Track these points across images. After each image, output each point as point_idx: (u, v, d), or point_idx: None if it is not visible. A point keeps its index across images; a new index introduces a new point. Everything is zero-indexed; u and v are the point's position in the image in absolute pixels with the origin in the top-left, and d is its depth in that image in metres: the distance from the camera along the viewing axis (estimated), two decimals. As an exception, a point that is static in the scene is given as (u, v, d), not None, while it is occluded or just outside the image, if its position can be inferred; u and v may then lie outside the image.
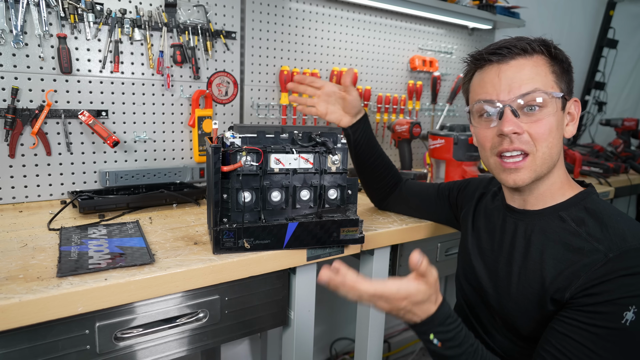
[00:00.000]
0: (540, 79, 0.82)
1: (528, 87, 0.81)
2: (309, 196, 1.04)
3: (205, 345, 1.00)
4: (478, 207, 1.04)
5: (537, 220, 0.87)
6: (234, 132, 0.99)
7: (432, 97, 2.28)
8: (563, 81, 0.84)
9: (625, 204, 2.66)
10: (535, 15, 2.62)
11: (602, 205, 0.83)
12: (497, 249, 0.92)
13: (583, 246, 0.77)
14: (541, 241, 0.84)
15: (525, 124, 0.82)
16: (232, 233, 0.97)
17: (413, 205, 1.29)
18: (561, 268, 0.78)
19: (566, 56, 0.85)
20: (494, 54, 0.84)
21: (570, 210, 0.84)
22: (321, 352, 2.12)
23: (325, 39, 1.86)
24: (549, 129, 0.82)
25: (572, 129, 0.87)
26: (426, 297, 0.74)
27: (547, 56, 0.83)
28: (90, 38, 1.36)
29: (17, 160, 1.31)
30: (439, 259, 1.43)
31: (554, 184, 0.87)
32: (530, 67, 0.82)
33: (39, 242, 1.01)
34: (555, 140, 0.83)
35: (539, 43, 0.83)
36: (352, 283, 0.71)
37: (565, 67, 0.85)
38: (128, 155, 1.49)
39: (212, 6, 1.55)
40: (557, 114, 0.82)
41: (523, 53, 0.82)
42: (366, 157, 1.26)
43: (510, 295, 0.86)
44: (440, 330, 0.76)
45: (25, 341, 0.78)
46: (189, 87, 1.55)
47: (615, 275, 0.72)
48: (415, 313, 0.75)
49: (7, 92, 1.26)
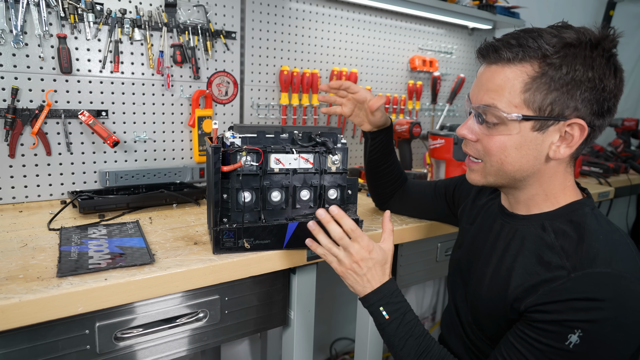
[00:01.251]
0: (505, 95, 0.75)
1: (488, 99, 0.77)
2: (309, 196, 1.04)
3: (205, 345, 1.00)
4: (475, 203, 1.04)
5: (521, 225, 0.84)
6: (234, 132, 0.99)
7: (432, 97, 2.28)
8: (549, 99, 0.73)
9: (625, 204, 2.66)
10: (536, 15, 2.62)
11: (590, 220, 0.77)
12: (480, 247, 0.92)
13: (552, 260, 0.75)
14: (518, 247, 0.82)
15: (483, 133, 0.79)
16: (232, 233, 0.97)
17: (412, 204, 1.29)
18: (525, 278, 0.77)
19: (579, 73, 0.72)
20: (480, 52, 0.79)
21: (555, 220, 0.80)
22: (321, 352, 2.12)
23: (325, 39, 1.86)
24: (501, 147, 0.78)
25: (563, 150, 0.76)
26: (384, 260, 0.90)
27: (537, 66, 0.73)
28: (90, 38, 1.36)
29: (17, 160, 1.31)
30: (439, 259, 1.43)
31: (536, 195, 0.82)
32: (502, 78, 0.75)
33: (39, 242, 1.01)
34: (512, 159, 0.78)
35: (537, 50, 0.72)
36: (341, 216, 0.90)
37: (561, 84, 0.72)
38: (128, 155, 1.49)
39: (212, 6, 1.55)
40: (520, 135, 0.76)
41: (507, 61, 0.75)
42: (377, 164, 1.26)
43: (480, 297, 0.86)
44: (389, 301, 0.87)
45: (25, 341, 0.78)
46: (189, 87, 1.55)
47: (568, 297, 0.69)
48: (373, 276, 0.88)
49: (7, 92, 1.26)
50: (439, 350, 0.86)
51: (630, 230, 2.84)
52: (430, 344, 0.86)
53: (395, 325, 0.87)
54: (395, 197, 1.32)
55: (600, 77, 0.72)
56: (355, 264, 0.89)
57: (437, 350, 0.86)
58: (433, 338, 0.88)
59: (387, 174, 1.27)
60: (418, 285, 2.38)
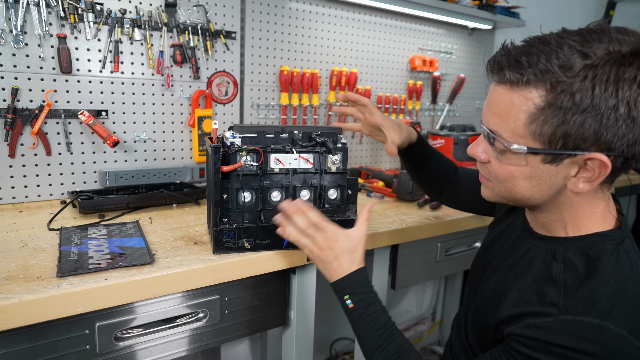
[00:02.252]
0: (510, 123, 0.66)
1: (493, 125, 0.69)
2: (309, 196, 1.04)
3: (205, 345, 1.00)
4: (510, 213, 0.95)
5: (535, 245, 0.78)
6: (234, 132, 0.99)
7: (432, 97, 2.28)
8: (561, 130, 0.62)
9: (626, 204, 2.66)
10: (536, 15, 2.62)
11: (607, 259, 0.67)
12: (496, 253, 0.89)
13: (549, 294, 0.67)
14: (523, 269, 0.76)
15: (492, 157, 0.73)
16: (232, 233, 0.97)
17: (462, 198, 1.20)
18: (517, 304, 0.71)
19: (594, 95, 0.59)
20: (487, 67, 0.70)
21: (570, 250, 0.71)
22: (321, 352, 2.12)
23: (325, 39, 1.86)
24: (509, 176, 0.71)
25: (582, 185, 0.66)
26: (353, 248, 0.89)
27: (548, 92, 0.62)
28: (90, 38, 1.36)
29: (17, 160, 1.31)
30: (439, 259, 1.43)
31: (555, 221, 0.74)
32: (507, 103, 0.66)
33: (39, 242, 1.01)
34: (520, 189, 0.71)
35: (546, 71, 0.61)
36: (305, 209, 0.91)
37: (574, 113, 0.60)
38: (128, 155, 1.49)
39: (212, 6, 1.55)
40: (530, 167, 0.68)
41: (510, 84, 0.65)
42: (416, 172, 1.21)
43: (479, 304, 0.84)
44: (355, 291, 0.87)
45: (25, 341, 0.78)
46: (189, 87, 1.55)
47: (548, 340, 0.63)
48: (341, 264, 0.88)
49: (7, 92, 1.26)
50: (400, 343, 0.84)
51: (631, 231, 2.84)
52: (392, 337, 0.84)
53: (358, 314, 0.86)
54: (445, 194, 1.22)
55: (627, 104, 0.59)
56: (321, 252, 0.90)
57: (398, 342, 0.84)
58: (398, 330, 0.86)
59: (430, 176, 1.19)
60: (418, 285, 2.38)
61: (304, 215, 0.92)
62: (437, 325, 2.48)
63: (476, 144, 0.76)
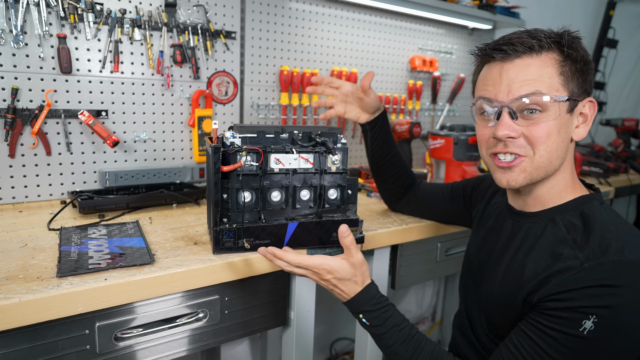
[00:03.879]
0: (545, 80, 0.77)
1: (529, 88, 0.77)
2: (309, 196, 1.04)
3: (205, 345, 1.00)
4: (488, 205, 1.03)
5: (532, 222, 0.85)
6: (234, 132, 0.99)
7: (432, 97, 2.28)
8: (574, 81, 0.79)
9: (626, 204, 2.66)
10: (536, 15, 2.62)
11: (600, 212, 0.79)
12: (491, 248, 0.92)
13: (564, 252, 0.75)
14: (530, 244, 0.82)
15: (523, 127, 0.79)
16: (232, 233, 0.97)
17: (427, 207, 1.28)
18: (537, 272, 0.77)
19: (583, 54, 0.79)
20: (498, 50, 0.80)
21: (565, 214, 0.81)
22: (321, 352, 2.12)
23: (325, 39, 1.86)
24: (547, 133, 0.78)
25: (582, 131, 0.82)
26: (349, 276, 0.88)
27: (558, 54, 0.78)
28: (90, 38, 1.36)
29: (17, 160, 1.31)
30: (439, 259, 1.43)
31: (555, 187, 0.83)
32: (536, 67, 0.78)
33: (39, 242, 1.01)
34: (555, 145, 0.79)
35: (552, 40, 0.78)
36: (280, 255, 0.87)
37: (579, 66, 0.79)
38: (128, 155, 1.49)
39: (212, 6, 1.55)
40: (560, 118, 0.78)
41: (529, 51, 0.78)
42: (382, 155, 1.26)
43: (493, 295, 0.86)
44: (365, 309, 0.88)
45: (25, 341, 0.78)
46: (189, 87, 1.55)
47: (582, 285, 0.70)
48: (343, 290, 0.89)
49: (7, 92, 1.26)
50: (430, 349, 0.85)
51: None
52: (420, 345, 0.85)
53: (377, 331, 0.87)
54: (409, 198, 1.30)
55: (591, 59, 0.81)
56: (319, 282, 0.90)
57: (428, 349, 0.85)
58: (423, 337, 0.87)
59: (394, 164, 1.27)
60: (418, 285, 2.38)
61: (282, 260, 0.89)
62: (437, 325, 2.48)
63: (501, 127, 0.79)
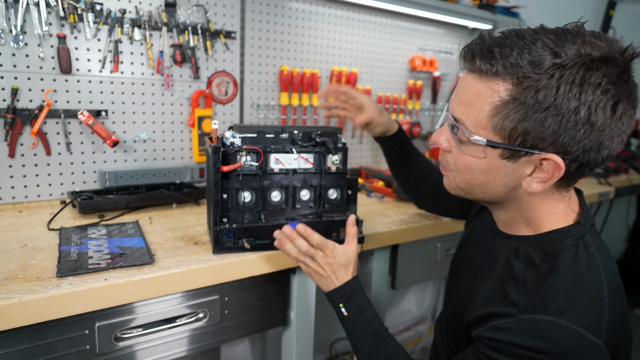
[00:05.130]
0: (475, 113, 0.66)
1: (458, 113, 0.69)
2: (309, 196, 1.04)
3: (205, 345, 1.00)
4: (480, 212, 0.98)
5: (499, 244, 0.79)
6: (234, 132, 0.99)
7: (432, 97, 2.28)
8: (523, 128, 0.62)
9: (626, 204, 2.66)
10: (536, 15, 2.62)
11: (566, 255, 0.68)
12: (468, 254, 0.90)
13: (510, 294, 0.69)
14: (488, 267, 0.78)
15: (453, 147, 0.73)
16: (232, 233, 0.97)
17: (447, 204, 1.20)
18: (483, 305, 0.73)
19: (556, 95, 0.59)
20: (462, 54, 0.69)
21: (531, 248, 0.72)
22: (321, 352, 2.12)
23: (325, 39, 1.86)
24: (467, 167, 0.71)
25: (535, 185, 0.67)
26: (348, 262, 0.93)
27: (513, 87, 0.62)
28: (90, 38, 1.36)
29: (16, 160, 1.31)
30: (439, 259, 1.43)
31: (516, 218, 0.75)
32: (476, 92, 0.65)
33: (39, 242, 1.01)
34: (479, 182, 0.71)
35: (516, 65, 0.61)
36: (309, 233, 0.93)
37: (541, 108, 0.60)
38: (128, 155, 1.49)
39: (212, 6, 1.55)
40: (487, 161, 0.68)
41: (480, 73, 0.65)
42: (398, 167, 1.23)
43: (450, 309, 0.86)
44: (349, 299, 0.91)
45: (25, 341, 0.78)
46: (189, 87, 1.55)
47: (508, 340, 0.64)
48: (337, 277, 0.92)
49: (7, 92, 1.26)
50: (390, 348, 0.87)
51: (631, 231, 2.84)
52: (383, 342, 0.88)
53: (352, 321, 0.91)
54: (430, 198, 1.24)
55: (589, 109, 0.60)
56: (319, 267, 0.94)
57: (389, 347, 0.87)
58: (390, 336, 0.89)
59: (414, 174, 1.22)
60: (418, 285, 2.38)
61: (306, 239, 0.94)
62: (437, 325, 2.48)
63: (440, 132, 0.75)
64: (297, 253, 0.95)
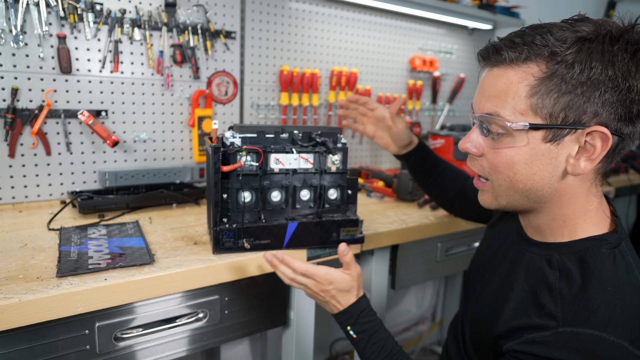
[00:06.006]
0: (509, 100, 0.64)
1: (490, 107, 0.67)
2: (309, 196, 1.04)
3: (205, 345, 1.00)
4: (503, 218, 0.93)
5: (529, 252, 0.75)
6: (234, 132, 0.99)
7: (432, 97, 2.28)
8: (560, 104, 0.62)
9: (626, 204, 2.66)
10: (536, 15, 2.62)
11: (604, 264, 0.64)
12: (489, 260, 0.87)
13: (546, 304, 0.66)
14: (518, 276, 0.74)
15: (488, 147, 0.70)
16: (232, 233, 0.97)
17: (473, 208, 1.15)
18: (515, 315, 0.70)
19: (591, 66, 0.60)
20: (480, 54, 0.69)
21: (565, 255, 0.69)
22: (321, 352, 2.12)
23: (325, 39, 1.86)
24: (508, 162, 0.67)
25: (584, 164, 0.64)
26: (349, 287, 0.88)
27: (544, 66, 0.62)
28: (90, 38, 1.36)
29: (16, 160, 1.31)
30: (439, 259, 1.43)
31: (553, 221, 0.71)
32: (506, 81, 0.65)
33: (39, 242, 1.01)
34: (522, 177, 0.67)
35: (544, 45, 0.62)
36: (288, 261, 0.88)
37: (580, 82, 0.61)
38: (128, 155, 1.49)
39: (212, 6, 1.55)
40: (530, 147, 0.65)
41: (510, 61, 0.65)
42: (423, 180, 1.22)
43: (476, 315, 0.83)
44: (356, 322, 0.88)
45: (25, 341, 0.78)
46: (189, 87, 1.55)
47: (547, 356, 0.61)
48: (339, 301, 0.88)
49: (7, 92, 1.26)
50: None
51: (631, 231, 2.84)
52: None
53: (363, 344, 0.87)
54: (457, 203, 1.22)
55: (624, 75, 0.60)
56: (317, 294, 0.90)
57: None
58: (404, 354, 0.86)
59: (440, 184, 1.20)
60: (418, 285, 2.38)
61: (288, 266, 0.90)
62: (437, 325, 2.48)
63: (466, 138, 0.72)
64: (288, 280, 0.91)
